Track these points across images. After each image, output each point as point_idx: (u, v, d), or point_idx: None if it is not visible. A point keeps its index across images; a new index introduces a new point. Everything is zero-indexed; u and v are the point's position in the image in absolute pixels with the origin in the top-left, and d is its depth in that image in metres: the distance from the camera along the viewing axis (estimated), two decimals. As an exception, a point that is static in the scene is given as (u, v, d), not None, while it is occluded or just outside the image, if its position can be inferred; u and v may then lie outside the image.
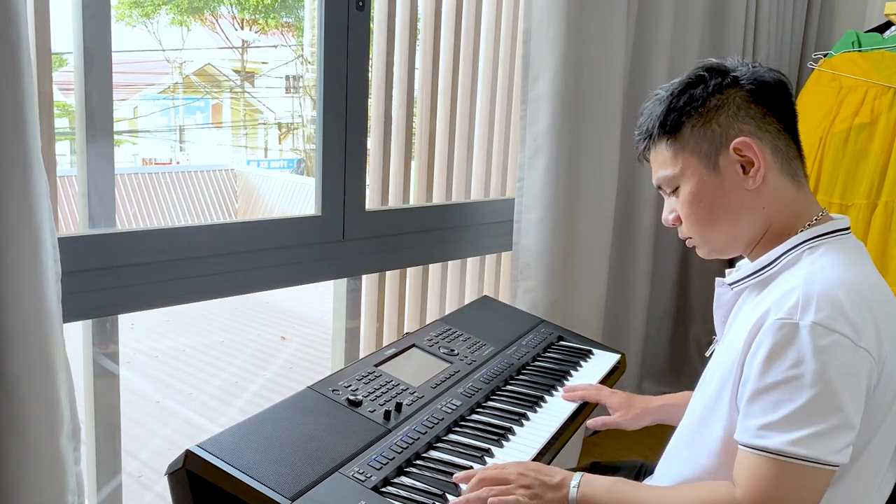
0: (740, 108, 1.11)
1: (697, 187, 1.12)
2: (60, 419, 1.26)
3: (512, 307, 2.04)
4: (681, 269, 2.86)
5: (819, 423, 0.95)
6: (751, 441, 0.99)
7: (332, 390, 1.30)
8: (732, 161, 1.10)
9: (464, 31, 2.20)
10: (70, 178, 5.65)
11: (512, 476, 1.12)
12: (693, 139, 1.12)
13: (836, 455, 0.95)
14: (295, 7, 10.76)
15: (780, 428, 0.96)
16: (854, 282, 1.01)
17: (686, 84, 1.15)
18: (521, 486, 1.11)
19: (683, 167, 1.13)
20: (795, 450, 0.95)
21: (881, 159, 2.39)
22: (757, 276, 1.12)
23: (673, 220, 1.19)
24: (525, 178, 2.14)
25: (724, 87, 1.12)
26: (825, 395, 0.94)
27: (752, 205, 1.11)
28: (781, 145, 1.12)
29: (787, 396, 0.96)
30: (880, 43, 2.48)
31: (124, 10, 9.69)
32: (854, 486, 1.04)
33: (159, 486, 3.29)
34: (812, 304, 0.96)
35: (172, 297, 1.61)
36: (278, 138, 11.68)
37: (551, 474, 1.13)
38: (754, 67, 1.14)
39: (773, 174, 1.11)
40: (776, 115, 1.12)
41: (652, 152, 1.19)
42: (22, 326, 1.21)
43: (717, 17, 2.67)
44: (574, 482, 1.11)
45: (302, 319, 6.03)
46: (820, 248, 1.07)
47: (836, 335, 0.95)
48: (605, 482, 1.12)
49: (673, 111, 1.14)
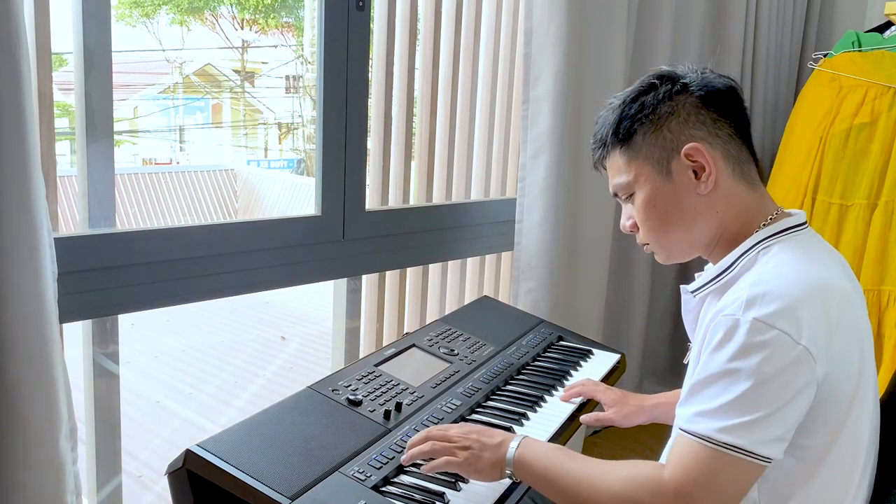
0: (690, 114, 1.12)
1: (651, 193, 1.14)
2: (58, 418, 1.26)
3: (512, 307, 2.04)
4: (681, 270, 2.86)
5: (749, 414, 0.97)
6: (684, 425, 1.02)
7: (332, 390, 1.30)
8: (684, 166, 1.12)
9: (464, 31, 2.20)
10: (70, 178, 5.65)
11: (455, 436, 1.16)
12: (645, 146, 1.14)
13: (763, 447, 0.97)
14: (295, 7, 10.76)
15: (712, 416, 0.99)
16: (802, 278, 1.02)
17: (638, 92, 1.17)
18: (462, 446, 1.14)
19: (637, 174, 1.15)
20: (723, 437, 0.98)
21: (881, 159, 2.39)
22: (716, 281, 1.13)
23: (630, 227, 1.21)
24: (527, 179, 2.14)
25: (673, 94, 1.13)
26: (759, 389, 0.97)
27: (705, 209, 1.13)
28: (733, 150, 1.13)
29: (723, 388, 0.99)
30: (880, 43, 2.48)
31: (124, 10, 9.69)
32: (828, 486, 1.05)
33: (159, 486, 3.29)
34: (756, 302, 0.98)
35: (172, 297, 1.61)
36: (278, 138, 11.69)
37: (492, 435, 1.16)
38: (704, 74, 1.16)
39: (724, 178, 1.12)
40: (727, 119, 1.13)
41: (607, 160, 1.21)
42: (20, 326, 1.21)
43: (717, 17, 2.67)
44: (514, 443, 1.13)
45: (302, 319, 6.03)
46: (773, 248, 1.09)
47: (775, 331, 0.97)
48: (545, 447, 1.14)
49: (625, 119, 1.16)
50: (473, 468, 1.13)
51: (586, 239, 2.25)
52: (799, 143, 2.54)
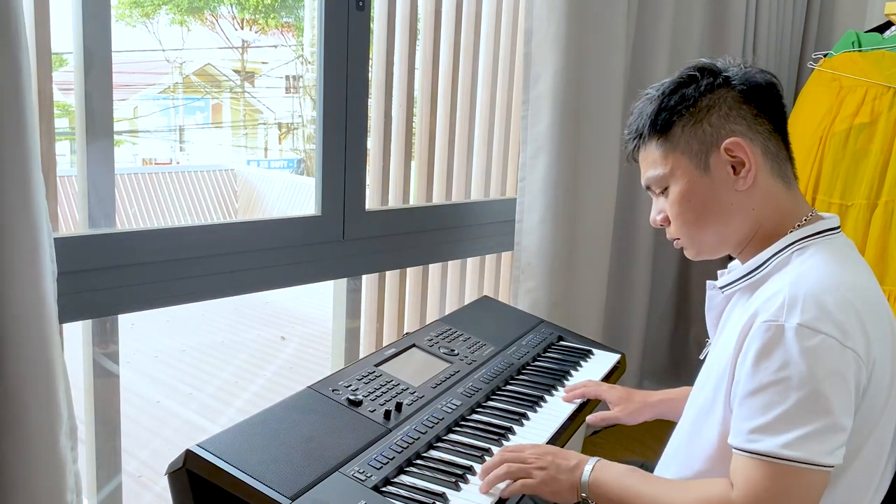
0: (731, 108, 1.11)
1: (687, 187, 1.12)
2: (58, 418, 1.26)
3: (512, 307, 2.04)
4: (681, 269, 2.86)
5: (809, 424, 0.95)
6: (743, 445, 0.99)
7: (332, 390, 1.30)
8: (723, 161, 1.10)
9: (464, 31, 2.20)
10: (70, 178, 5.65)
11: (531, 457, 1.15)
12: (684, 139, 1.12)
13: (828, 456, 0.95)
14: (295, 7, 10.76)
15: (771, 431, 0.96)
16: (841, 282, 1.00)
17: (677, 83, 1.15)
18: (538, 467, 1.13)
19: (673, 167, 1.13)
20: (787, 452, 0.95)
21: (881, 159, 2.39)
22: (747, 279, 1.12)
23: (661, 221, 1.19)
24: (526, 178, 2.14)
25: (715, 87, 1.12)
26: (813, 397, 0.95)
27: (741, 206, 1.11)
28: (772, 146, 1.12)
29: (776, 399, 0.96)
30: (880, 43, 2.48)
31: (124, 10, 9.69)
32: (850, 487, 1.04)
33: (159, 486, 3.29)
34: (797, 306, 0.97)
35: (172, 297, 1.61)
36: (278, 138, 11.69)
37: (567, 458, 1.15)
38: (746, 68, 1.14)
39: (763, 175, 1.11)
40: (767, 116, 1.12)
41: (641, 152, 1.18)
42: (20, 326, 1.21)
43: (717, 17, 2.67)
44: (589, 466, 1.13)
45: (302, 319, 6.03)
46: (809, 250, 1.07)
47: (821, 336, 0.95)
48: (619, 469, 1.13)
49: (664, 110, 1.13)
50: (549, 490, 1.13)
51: (586, 239, 2.25)
52: (799, 143, 2.53)
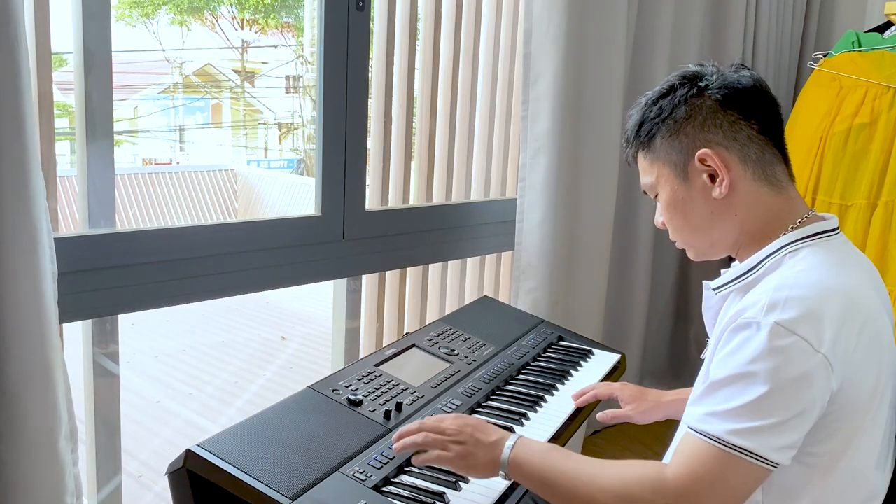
0: (707, 117, 1.11)
1: (671, 196, 1.15)
2: (58, 420, 1.26)
3: (512, 307, 2.04)
4: (681, 269, 2.86)
5: (764, 419, 0.96)
6: (695, 424, 1.01)
7: (332, 390, 1.30)
8: (699, 171, 1.12)
9: (464, 31, 2.20)
10: (70, 178, 5.65)
11: (450, 429, 1.12)
12: (664, 149, 1.14)
13: (775, 453, 0.96)
14: (295, 7, 10.76)
15: (724, 417, 0.98)
16: (827, 286, 1.00)
17: (659, 94, 1.16)
18: (455, 440, 1.11)
19: (658, 176, 1.16)
20: (733, 439, 0.96)
21: (881, 159, 2.39)
22: (740, 280, 1.13)
23: (661, 224, 1.22)
24: (527, 179, 2.14)
25: (689, 98, 1.12)
26: (775, 394, 0.96)
27: (723, 212, 1.12)
28: (753, 153, 1.11)
29: (739, 390, 0.98)
30: (880, 43, 2.48)
31: (124, 10, 9.70)
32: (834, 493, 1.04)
33: (159, 486, 3.29)
34: (778, 306, 0.97)
35: (172, 297, 1.61)
36: (278, 138, 11.69)
37: (488, 432, 1.12)
38: (727, 73, 1.14)
39: (743, 182, 1.11)
40: (751, 119, 1.11)
41: (638, 158, 1.21)
42: (19, 327, 1.21)
43: (717, 17, 2.67)
44: (510, 441, 1.10)
45: (302, 319, 6.03)
46: (802, 252, 1.07)
47: (795, 337, 0.95)
48: (540, 447, 1.11)
49: (646, 122, 1.16)
50: (465, 464, 1.10)
51: (586, 239, 2.25)
52: (799, 143, 2.54)
